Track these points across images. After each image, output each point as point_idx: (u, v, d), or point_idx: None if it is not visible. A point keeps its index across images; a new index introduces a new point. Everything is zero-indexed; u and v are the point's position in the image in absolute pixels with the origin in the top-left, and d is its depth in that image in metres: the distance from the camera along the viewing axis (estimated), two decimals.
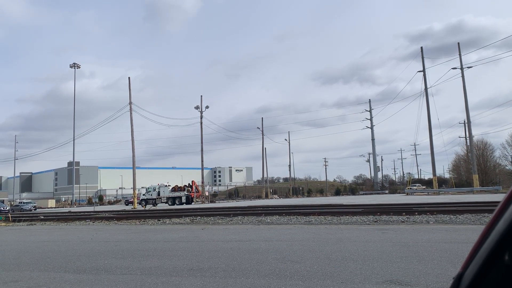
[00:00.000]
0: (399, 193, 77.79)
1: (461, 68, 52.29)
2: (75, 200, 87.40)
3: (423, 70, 56.66)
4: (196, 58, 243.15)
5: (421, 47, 57.42)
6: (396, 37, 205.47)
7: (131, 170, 51.32)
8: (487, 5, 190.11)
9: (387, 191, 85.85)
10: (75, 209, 58.01)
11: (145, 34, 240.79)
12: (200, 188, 58.08)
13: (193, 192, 52.98)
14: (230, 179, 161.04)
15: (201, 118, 63.90)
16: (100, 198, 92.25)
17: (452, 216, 14.87)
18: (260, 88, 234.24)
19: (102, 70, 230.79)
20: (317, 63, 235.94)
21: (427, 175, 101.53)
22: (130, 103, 50.30)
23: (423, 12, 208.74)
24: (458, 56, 52.84)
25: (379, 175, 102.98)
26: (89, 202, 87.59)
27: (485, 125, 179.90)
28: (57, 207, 79.13)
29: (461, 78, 52.64)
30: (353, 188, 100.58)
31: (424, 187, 72.80)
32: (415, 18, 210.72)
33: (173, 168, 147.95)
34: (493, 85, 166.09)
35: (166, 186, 53.41)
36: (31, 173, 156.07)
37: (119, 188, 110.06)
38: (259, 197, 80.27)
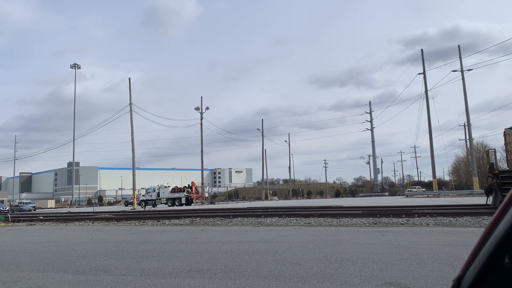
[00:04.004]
0: (399, 195, 77.81)
1: (461, 71, 52.30)
2: (75, 201, 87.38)
3: (423, 72, 56.67)
4: (196, 61, 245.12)
5: (422, 49, 57.53)
6: (390, 42, 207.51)
7: (131, 171, 51.26)
8: (482, 11, 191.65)
9: (387, 193, 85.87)
10: (74, 209, 57.98)
11: (146, 37, 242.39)
12: (199, 189, 58.02)
13: (192, 193, 52.91)
14: (230, 181, 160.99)
15: (201, 119, 63.97)
16: (100, 198, 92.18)
17: (452, 219, 14.85)
18: (259, 90, 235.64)
19: (103, 72, 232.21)
20: (314, 67, 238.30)
21: (427, 177, 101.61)
22: (131, 103, 50.32)
23: (417, 18, 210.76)
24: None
25: (379, 177, 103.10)
26: (89, 203, 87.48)
27: (484, 128, 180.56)
28: (57, 208, 79.07)
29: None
30: (353, 190, 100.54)
31: (424, 189, 72.73)
32: (409, 23, 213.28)
33: (173, 169, 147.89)
34: (490, 89, 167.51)
35: (165, 187, 53.35)
36: (31, 173, 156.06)
37: (119, 189, 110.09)
38: (259, 198, 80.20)
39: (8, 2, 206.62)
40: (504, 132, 20.82)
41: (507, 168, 19.93)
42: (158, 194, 52.74)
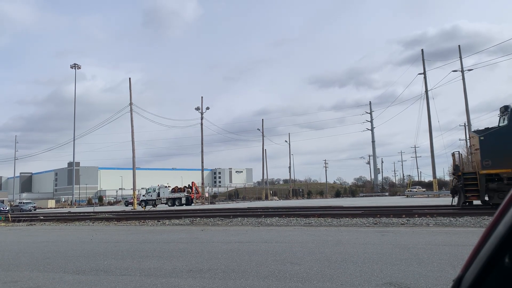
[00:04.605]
0: (399, 195, 77.74)
1: (462, 71, 52.27)
2: (75, 201, 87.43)
3: (424, 72, 56.63)
4: (196, 61, 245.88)
5: (422, 50, 57.43)
6: (390, 42, 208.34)
7: (131, 171, 51.28)
8: (481, 11, 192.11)
9: (387, 193, 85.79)
10: (75, 209, 57.98)
11: (146, 38, 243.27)
12: (200, 189, 58.02)
13: (193, 193, 52.91)
14: (230, 181, 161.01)
15: (202, 119, 63.98)
16: (100, 198, 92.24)
17: (452, 219, 14.85)
18: (258, 91, 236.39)
19: (104, 73, 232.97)
20: (314, 67, 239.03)
21: (427, 177, 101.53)
22: (131, 103, 50.32)
23: (417, 18, 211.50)
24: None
25: (379, 177, 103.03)
26: (89, 203, 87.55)
27: None
28: (57, 208, 79.08)
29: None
30: (353, 190, 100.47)
31: (424, 189, 72.66)
32: (408, 23, 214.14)
33: (173, 169, 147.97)
34: (490, 89, 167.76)
35: (166, 187, 53.36)
36: (31, 173, 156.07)
37: (119, 189, 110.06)
38: (259, 198, 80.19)
39: (9, 3, 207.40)
40: (470, 135, 21.05)
41: (471, 170, 20.26)
42: (158, 194, 52.74)
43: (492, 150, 18.39)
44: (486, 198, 19.04)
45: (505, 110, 18.86)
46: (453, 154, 21.17)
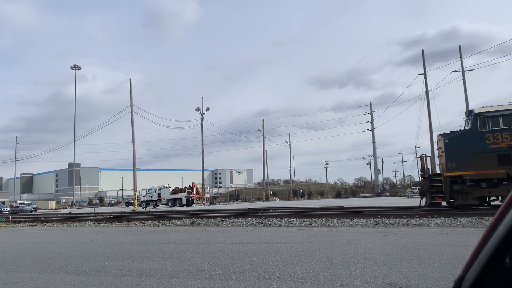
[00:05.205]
0: (400, 195, 77.73)
1: (462, 71, 52.22)
2: (76, 202, 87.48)
3: (424, 73, 56.59)
4: (196, 62, 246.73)
5: (422, 50, 57.36)
6: (390, 43, 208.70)
7: (132, 171, 51.25)
8: (481, 12, 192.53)
9: (387, 194, 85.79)
10: (75, 210, 58.00)
11: (147, 39, 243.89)
12: (200, 190, 58.03)
13: (193, 194, 52.94)
14: (231, 181, 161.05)
15: (202, 120, 63.98)
16: (101, 199, 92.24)
17: (453, 219, 14.85)
18: (259, 91, 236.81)
19: (105, 74, 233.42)
20: (314, 68, 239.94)
21: None
22: (131, 104, 50.33)
23: (416, 19, 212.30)
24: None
25: (380, 177, 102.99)
26: (90, 204, 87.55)
27: None
28: (58, 209, 79.15)
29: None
30: (354, 191, 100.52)
31: None
32: (408, 24, 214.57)
33: (173, 170, 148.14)
34: (490, 90, 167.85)
35: (166, 187, 53.41)
36: (32, 174, 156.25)
37: (120, 189, 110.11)
38: (260, 199, 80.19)
39: (10, 3, 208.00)
40: (437, 138, 21.32)
41: (438, 172, 20.67)
42: (159, 195, 52.79)
43: (456, 153, 18.78)
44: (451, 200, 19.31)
45: (469, 114, 19.20)
46: (421, 157, 21.41)
